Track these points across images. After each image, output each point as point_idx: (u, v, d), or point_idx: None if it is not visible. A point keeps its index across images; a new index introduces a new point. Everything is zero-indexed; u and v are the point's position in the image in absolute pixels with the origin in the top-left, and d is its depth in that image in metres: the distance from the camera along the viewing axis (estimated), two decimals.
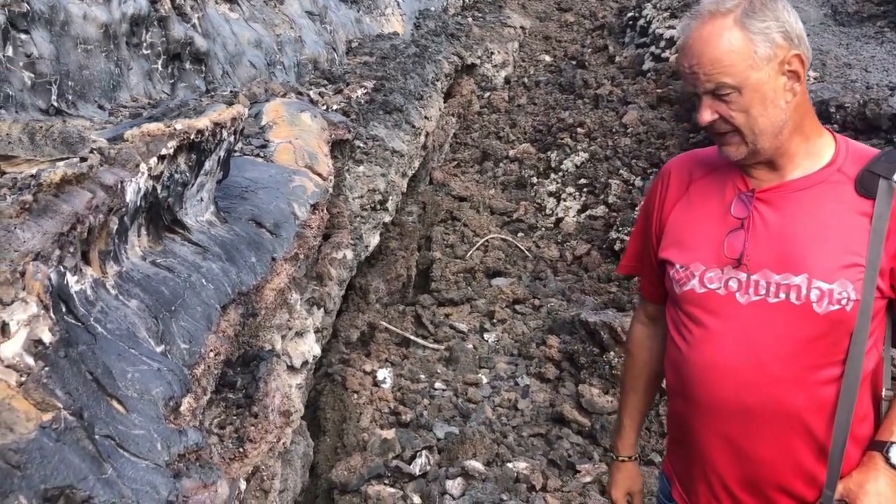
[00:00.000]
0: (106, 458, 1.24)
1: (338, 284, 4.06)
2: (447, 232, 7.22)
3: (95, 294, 1.58)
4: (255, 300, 2.45)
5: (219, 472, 1.43)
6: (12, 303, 1.19)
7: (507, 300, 6.29)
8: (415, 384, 5.01)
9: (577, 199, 7.77)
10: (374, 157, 5.16)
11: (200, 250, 2.20)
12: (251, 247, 2.56)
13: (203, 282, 2.05)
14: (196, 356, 1.81)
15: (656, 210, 2.05)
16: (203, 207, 2.44)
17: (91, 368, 1.36)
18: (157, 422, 1.44)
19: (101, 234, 1.65)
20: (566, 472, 4.18)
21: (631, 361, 2.27)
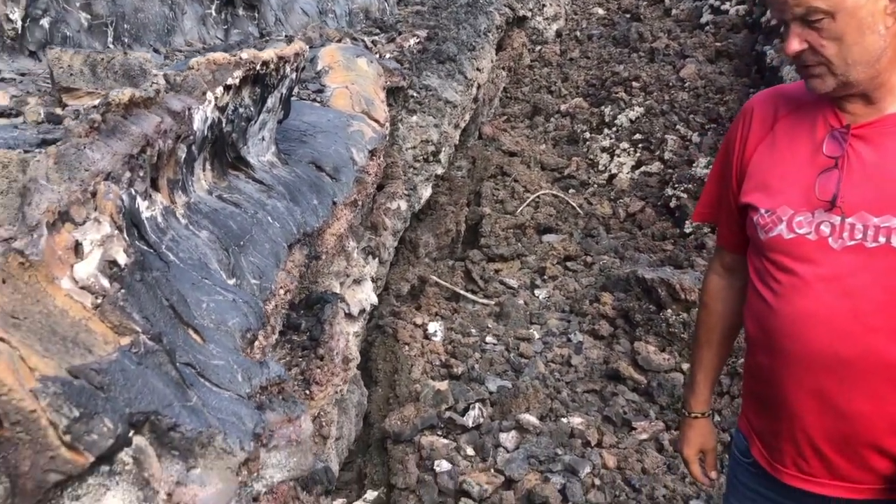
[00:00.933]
0: (189, 386, 1.19)
1: (392, 235, 4.01)
2: (497, 187, 7.10)
3: (166, 222, 1.53)
4: (318, 243, 2.40)
5: (303, 407, 1.38)
6: (84, 223, 1.14)
7: (558, 257, 6.19)
8: (465, 338, 4.96)
9: (631, 154, 7.57)
10: (428, 107, 5.05)
11: (265, 188, 2.15)
12: (312, 189, 2.50)
13: (269, 219, 2.00)
14: (266, 292, 1.76)
15: (737, 151, 1.91)
16: (264, 147, 2.38)
17: (166, 295, 1.31)
18: (235, 353, 1.39)
19: (169, 161, 1.59)
20: (621, 428, 4.11)
21: (705, 314, 2.15)
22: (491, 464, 3.71)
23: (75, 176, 1.16)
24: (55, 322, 1.05)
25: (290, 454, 1.29)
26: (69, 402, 0.98)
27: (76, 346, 1.03)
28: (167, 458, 1.13)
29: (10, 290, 0.99)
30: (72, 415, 0.98)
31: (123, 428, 1.05)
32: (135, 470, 1.05)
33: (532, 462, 3.67)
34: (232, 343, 1.41)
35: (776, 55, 7.12)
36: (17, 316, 0.99)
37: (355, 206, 2.94)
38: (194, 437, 1.14)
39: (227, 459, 1.18)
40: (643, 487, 3.54)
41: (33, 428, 0.94)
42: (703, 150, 7.19)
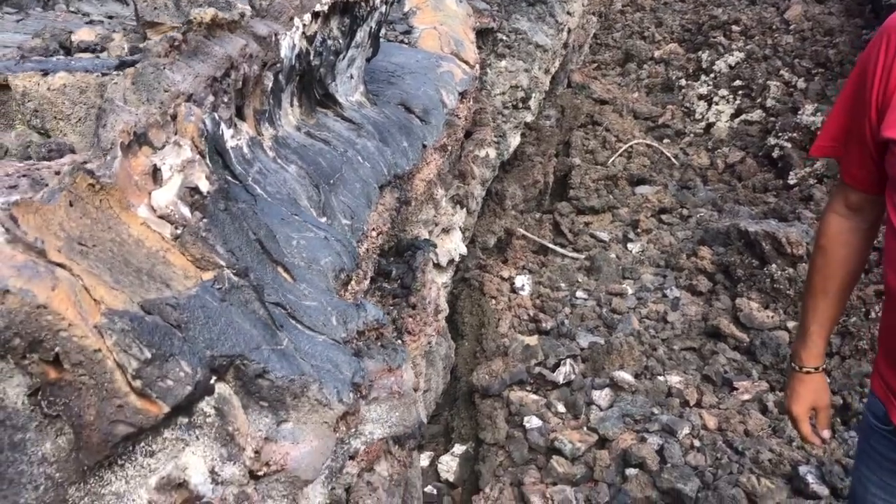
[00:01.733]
0: (279, 328, 1.08)
1: (480, 184, 3.85)
2: (587, 137, 6.83)
3: (252, 154, 1.43)
4: (407, 187, 2.27)
5: (403, 354, 1.26)
6: (163, 147, 1.04)
7: (652, 209, 5.91)
8: (555, 292, 4.80)
9: (730, 102, 7.15)
10: (517, 51, 4.83)
11: (354, 127, 2.03)
12: (402, 131, 2.37)
13: (359, 159, 1.88)
14: (358, 234, 1.65)
15: (878, 79, 1.63)
16: (353, 86, 2.26)
17: (253, 229, 1.20)
18: (328, 294, 1.28)
19: (255, 89, 1.49)
20: (721, 388, 3.89)
21: (823, 259, 1.90)
22: (583, 422, 3.57)
23: (154, 97, 1.06)
24: (129, 252, 0.94)
25: (392, 408, 1.17)
26: (140, 341, 0.86)
27: (152, 279, 0.93)
28: (254, 409, 1.02)
29: (77, 213, 0.89)
30: (143, 356, 0.86)
31: (204, 373, 0.93)
32: (217, 423, 0.95)
33: (627, 421, 3.51)
34: (324, 283, 1.30)
35: None
36: (84, 242, 0.88)
37: (445, 150, 2.80)
38: (286, 386, 1.03)
39: (324, 413, 1.07)
40: (746, 451, 3.34)
41: (98, 370, 0.83)
42: (810, 97, 6.71)
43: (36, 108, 1.17)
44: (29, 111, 1.17)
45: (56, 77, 1.17)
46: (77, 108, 1.13)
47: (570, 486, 3.24)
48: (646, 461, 3.23)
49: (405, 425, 1.21)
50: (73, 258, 0.87)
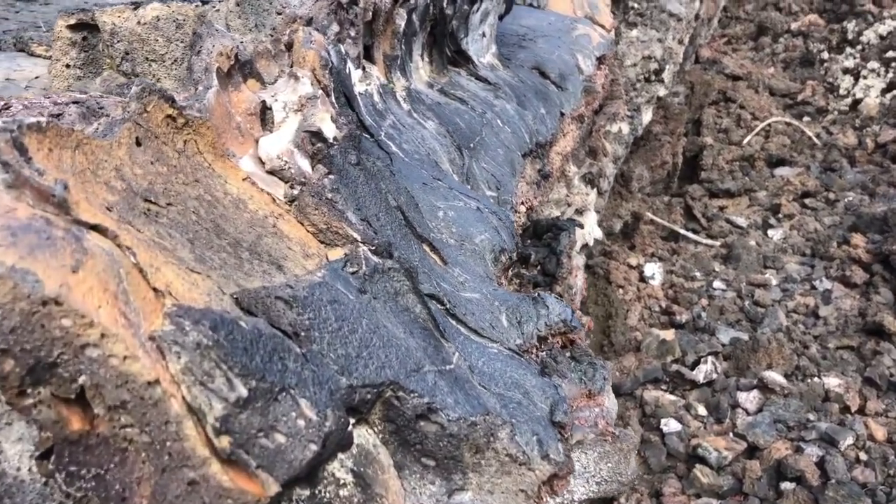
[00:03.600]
0: (445, 337, 0.79)
1: (613, 162, 3.53)
2: (719, 115, 6.33)
3: (384, 104, 1.19)
4: (546, 159, 2.00)
5: (604, 372, 0.95)
6: (276, 82, 0.81)
7: (794, 192, 5.39)
8: (689, 282, 4.41)
9: (881, 76, 6.46)
10: (650, 19, 4.45)
11: (490, 87, 1.77)
12: (539, 97, 2.09)
13: (499, 122, 1.63)
14: (506, 207, 1.39)
15: None
16: (484, 46, 2.00)
17: (395, 198, 0.93)
18: (489, 283, 1.00)
19: (386, 28, 1.25)
20: (888, 393, 3.42)
21: None
22: (728, 427, 3.20)
23: (264, 22, 0.84)
24: (223, 217, 0.67)
25: (602, 456, 0.84)
26: (231, 366, 0.52)
27: (256, 257, 0.65)
28: (414, 471, 0.69)
29: (148, 156, 0.63)
30: (235, 393, 0.52)
31: (337, 417, 0.59)
32: (357, 496, 0.61)
33: (780, 428, 3.12)
34: (482, 268, 1.02)
35: None
36: (154, 199, 0.61)
37: (581, 121, 2.51)
38: (464, 434, 0.69)
39: (520, 475, 0.73)
40: None
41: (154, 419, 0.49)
42: None
43: (126, 50, 0.97)
44: (119, 53, 0.98)
45: (148, 9, 0.96)
46: (173, 47, 0.92)
47: (715, 498, 2.90)
48: (804, 475, 2.85)
49: (619, 481, 0.88)
50: (130, 220, 0.57)
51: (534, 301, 0.98)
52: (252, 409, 0.54)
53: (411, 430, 0.66)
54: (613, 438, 0.86)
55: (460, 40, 1.75)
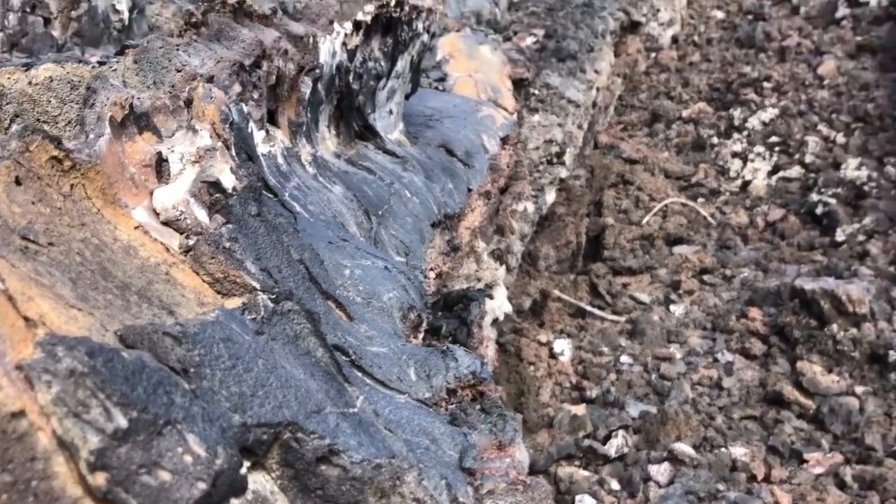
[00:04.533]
0: (348, 381, 0.76)
1: (520, 239, 3.60)
2: (619, 197, 6.59)
3: (289, 166, 1.18)
4: (455, 233, 2.02)
5: (515, 423, 0.94)
6: (173, 135, 0.79)
7: (693, 269, 5.61)
8: (597, 357, 4.48)
9: (766, 159, 6.91)
10: (550, 105, 4.65)
11: (398, 160, 1.79)
12: (446, 172, 2.13)
13: (407, 193, 1.64)
14: (418, 273, 1.38)
15: None
16: (392, 123, 2.03)
17: (298, 252, 0.91)
18: (398, 339, 0.98)
19: (291, 95, 1.25)
20: (790, 461, 3.52)
21: None
22: (642, 500, 3.21)
23: (163, 79, 0.82)
24: (111, 261, 0.64)
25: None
26: (109, 395, 0.48)
27: (145, 301, 0.62)
28: None
29: (28, 196, 0.60)
30: (113, 425, 0.48)
31: (228, 455, 0.56)
32: None
33: (691, 499, 3.15)
34: (390, 325, 1.01)
35: None
36: (33, 238, 0.59)
37: (488, 198, 2.56)
38: (368, 477, 0.67)
39: None
40: None
41: (19, 454, 0.44)
42: (851, 151, 6.48)
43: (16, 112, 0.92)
44: (8, 115, 0.93)
45: (40, 69, 0.92)
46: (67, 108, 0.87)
47: None
48: None
49: None
50: (4, 255, 0.55)
51: (443, 354, 0.97)
52: (133, 442, 0.49)
53: (312, 475, 0.63)
54: (525, 487, 0.84)
55: (367, 115, 1.78)
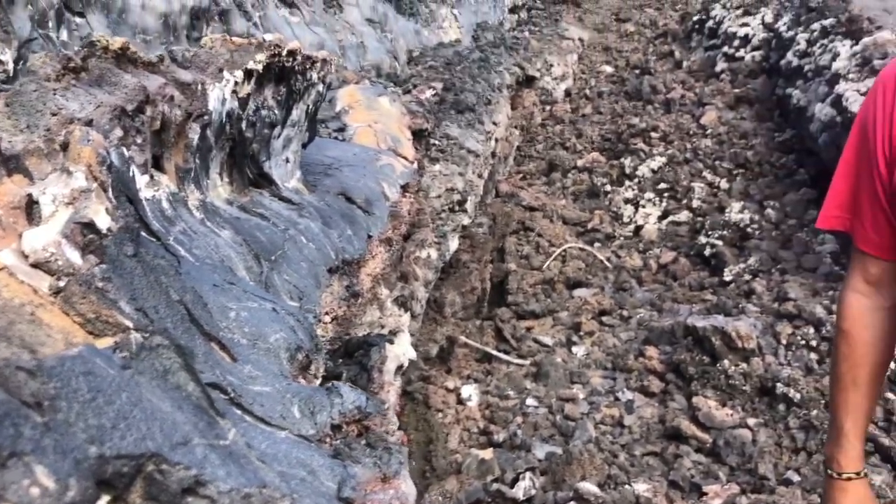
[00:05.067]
0: (220, 415, 0.76)
1: (424, 286, 3.63)
2: (521, 243, 6.76)
3: (175, 211, 1.16)
4: (355, 279, 2.02)
5: (401, 456, 0.94)
6: (47, 177, 0.77)
7: (592, 311, 5.78)
8: (504, 401, 4.52)
9: (656, 204, 7.25)
10: (451, 155, 4.75)
11: (294, 207, 1.79)
12: (345, 219, 2.14)
13: (303, 239, 1.64)
14: (310, 317, 1.38)
15: (881, 128, 1.52)
16: (288, 171, 2.04)
17: (177, 291, 0.90)
18: (283, 379, 0.97)
19: (178, 141, 1.24)
20: (690, 494, 3.63)
21: (847, 346, 1.69)
22: None
23: (37, 123, 0.80)
24: None
25: None
26: None
27: (5, 340, 0.61)
28: None
29: None
30: None
31: (82, 487, 0.56)
32: None
33: None
34: (276, 366, 1.00)
35: (802, 96, 6.88)
36: None
37: (390, 245, 2.58)
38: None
39: None
40: None
41: None
42: (734, 196, 6.89)
43: None
44: None
45: None
46: None
47: None
48: None
49: None
50: None
51: (328, 391, 0.97)
52: None
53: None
54: None
55: (262, 163, 1.78)
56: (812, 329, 4.59)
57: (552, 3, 14.01)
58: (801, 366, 4.28)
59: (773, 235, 6.21)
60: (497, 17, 11.17)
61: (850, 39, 6.45)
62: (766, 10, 8.80)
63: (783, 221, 6.31)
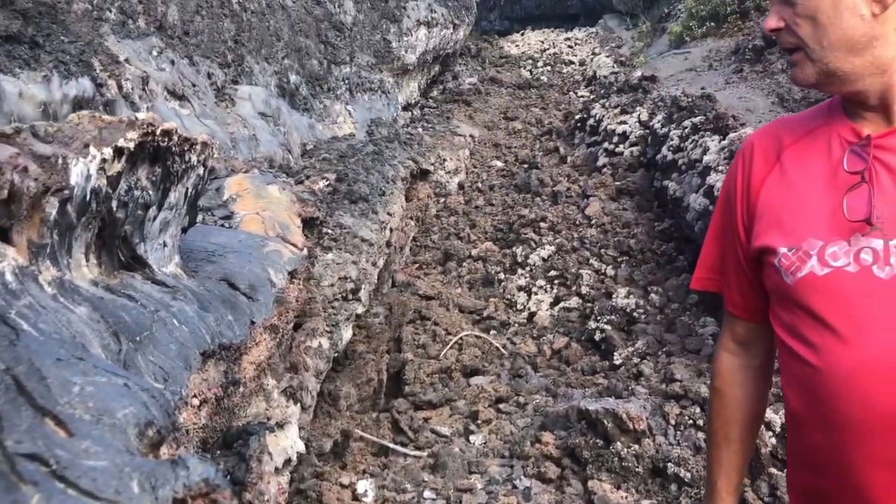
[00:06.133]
0: (24, 480, 0.69)
1: (315, 376, 3.54)
2: (417, 332, 6.74)
3: (21, 284, 1.09)
4: (235, 368, 1.95)
5: None
6: None
7: (489, 399, 5.78)
8: (401, 495, 4.40)
9: (548, 291, 7.44)
10: (344, 244, 4.75)
11: (169, 290, 1.72)
12: (226, 305, 2.08)
13: (175, 322, 1.57)
14: (175, 398, 1.30)
15: (740, 193, 1.63)
16: (166, 256, 1.97)
17: (6, 361, 0.84)
18: (127, 454, 0.90)
19: (32, 214, 1.18)
20: None
21: (720, 403, 1.78)
22: None
23: None
24: None
25: None
26: None
27: None
28: None
29: None
30: None
31: None
32: None
33: None
34: (121, 441, 0.94)
35: (678, 187, 7.32)
36: None
37: (276, 332, 2.52)
38: None
39: None
40: None
41: None
42: (620, 282, 7.15)
43: None
44: None
45: None
46: None
47: None
48: None
49: None
50: None
51: (173, 464, 0.92)
52: None
53: None
54: None
55: (135, 245, 1.72)
56: (698, 409, 4.73)
57: (444, 102, 14.55)
58: (690, 445, 4.39)
59: (658, 319, 6.45)
60: (391, 113, 11.48)
61: (717, 135, 6.96)
62: (641, 109, 9.41)
63: (667, 305, 6.57)
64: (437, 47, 14.26)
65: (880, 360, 1.34)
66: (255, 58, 8.13)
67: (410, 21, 12.73)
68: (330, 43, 10.22)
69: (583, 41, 20.42)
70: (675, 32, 14.52)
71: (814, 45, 1.36)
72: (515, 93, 15.38)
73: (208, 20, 7.26)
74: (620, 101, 9.79)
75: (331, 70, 9.83)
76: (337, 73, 9.96)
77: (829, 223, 1.42)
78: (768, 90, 8.86)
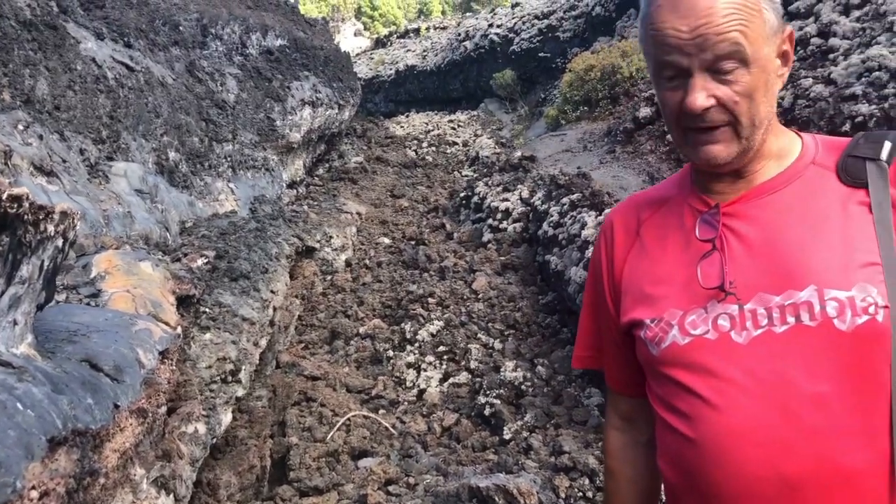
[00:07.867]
0: None
1: (190, 464, 3.32)
2: (303, 414, 6.51)
3: None
4: (94, 456, 1.78)
5: None
6: None
7: (378, 482, 5.59)
8: None
9: (437, 367, 7.39)
10: (223, 323, 4.56)
11: (14, 371, 1.56)
12: (86, 388, 1.92)
13: (18, 406, 1.41)
14: (7, 490, 1.15)
15: (605, 270, 1.66)
16: (16, 335, 1.81)
17: None
18: None
19: None
20: None
21: (613, 482, 1.74)
22: None
23: None
24: None
25: None
26: None
27: None
28: None
29: None
30: None
31: None
32: None
33: None
34: None
35: (559, 261, 7.52)
36: None
37: (144, 416, 2.35)
38: None
39: None
40: None
41: None
42: (507, 355, 7.20)
43: None
44: None
45: None
46: None
47: None
48: None
49: None
50: None
51: None
52: None
53: None
54: None
55: None
56: (587, 480, 4.75)
57: (330, 180, 14.57)
58: None
59: (545, 391, 6.50)
60: (276, 191, 11.36)
61: (594, 211, 7.24)
62: (522, 186, 9.72)
63: (553, 377, 6.65)
64: (323, 126, 14.34)
65: (746, 424, 1.35)
66: (132, 134, 7.91)
67: (295, 100, 12.78)
68: (212, 120, 10.09)
69: (465, 123, 21.08)
70: (551, 116, 15.26)
71: (747, 124, 1.37)
72: (402, 171, 15.61)
73: (81, 95, 7.04)
74: (502, 179, 10.09)
75: (212, 147, 9.67)
76: (219, 151, 9.80)
77: (687, 292, 1.45)
78: (639, 169, 9.37)
